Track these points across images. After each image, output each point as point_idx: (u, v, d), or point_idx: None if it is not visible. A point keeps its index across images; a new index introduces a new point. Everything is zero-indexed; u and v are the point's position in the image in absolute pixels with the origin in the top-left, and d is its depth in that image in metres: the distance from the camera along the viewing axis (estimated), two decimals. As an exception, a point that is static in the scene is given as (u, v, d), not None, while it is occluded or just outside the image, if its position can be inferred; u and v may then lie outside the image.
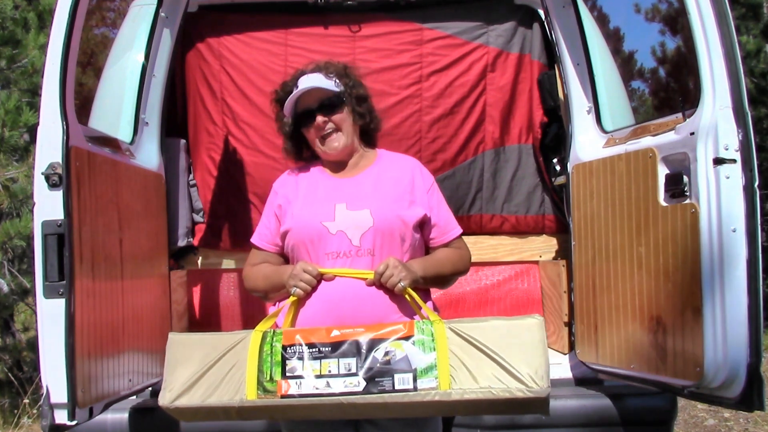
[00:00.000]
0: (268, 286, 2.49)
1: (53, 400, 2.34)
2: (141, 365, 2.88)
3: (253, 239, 2.59)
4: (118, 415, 2.93)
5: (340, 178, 2.52)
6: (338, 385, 2.11)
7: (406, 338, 2.15)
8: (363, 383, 2.11)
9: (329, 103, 2.46)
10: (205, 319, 3.70)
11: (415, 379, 2.10)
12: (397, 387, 2.10)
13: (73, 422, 2.36)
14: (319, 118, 2.45)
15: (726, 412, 5.75)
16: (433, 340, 2.15)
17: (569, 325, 3.40)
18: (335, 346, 2.15)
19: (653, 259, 2.70)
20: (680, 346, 2.59)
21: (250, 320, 3.65)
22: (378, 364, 2.12)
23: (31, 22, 6.89)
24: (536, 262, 3.81)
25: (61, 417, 2.35)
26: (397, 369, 2.11)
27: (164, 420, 2.88)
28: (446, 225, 2.55)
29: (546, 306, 3.74)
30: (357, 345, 2.15)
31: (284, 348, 2.17)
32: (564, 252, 3.62)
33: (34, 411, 5.80)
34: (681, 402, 4.15)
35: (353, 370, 2.12)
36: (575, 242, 3.20)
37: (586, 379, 3.21)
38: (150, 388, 3.06)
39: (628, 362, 2.88)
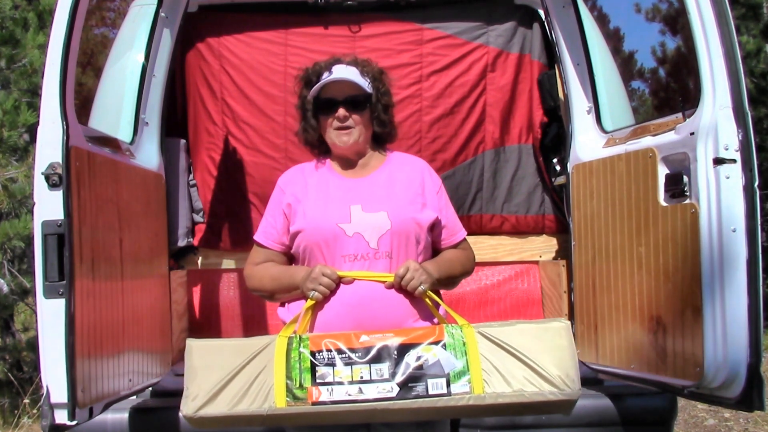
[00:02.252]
0: (277, 287, 2.46)
1: (53, 400, 2.34)
2: (141, 365, 2.88)
3: (257, 237, 2.53)
4: (118, 415, 2.93)
5: (351, 178, 2.49)
6: (371, 391, 2.10)
7: (437, 343, 2.15)
8: (396, 389, 2.10)
9: (356, 100, 2.43)
10: (205, 319, 3.70)
11: (448, 384, 2.11)
12: (431, 392, 2.10)
13: (73, 422, 2.36)
14: (341, 111, 2.41)
15: (726, 412, 5.75)
16: (463, 344, 2.15)
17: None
18: (365, 351, 2.13)
19: (653, 259, 2.70)
20: (680, 346, 2.59)
21: (250, 320, 3.65)
22: (411, 369, 2.11)
23: (31, 22, 6.88)
24: (536, 262, 3.81)
25: (61, 417, 2.34)
26: (429, 374, 2.11)
27: (164, 420, 2.89)
28: (454, 226, 2.56)
29: (546, 306, 3.74)
30: (388, 350, 2.13)
31: (313, 354, 2.14)
32: (564, 252, 3.62)
33: (34, 411, 5.80)
34: (681, 402, 4.15)
35: (386, 376, 2.11)
36: (575, 242, 3.20)
37: (586, 379, 3.19)
38: (150, 388, 3.06)
39: (628, 362, 2.88)
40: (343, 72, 2.45)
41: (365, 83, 2.46)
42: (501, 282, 3.81)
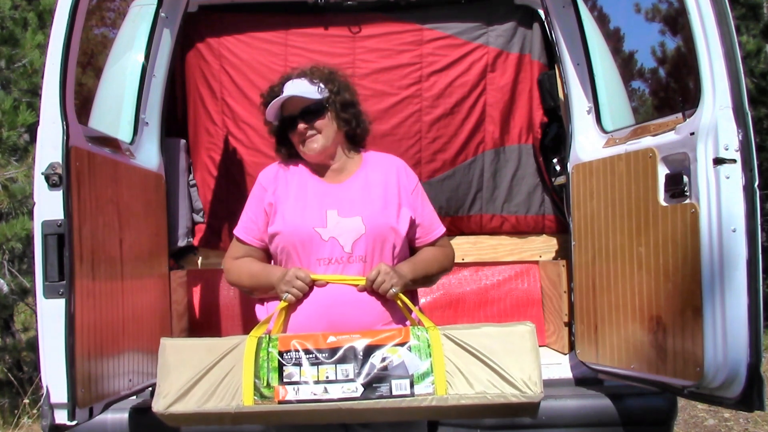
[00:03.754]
0: (255, 285, 2.49)
1: (53, 400, 2.34)
2: (141, 365, 2.88)
3: (237, 232, 2.56)
4: (118, 415, 2.92)
5: (329, 183, 2.52)
6: (336, 391, 2.13)
7: (402, 344, 2.18)
8: (361, 389, 2.13)
9: (310, 111, 2.46)
10: (205, 319, 3.70)
11: (412, 385, 2.14)
12: (394, 392, 2.13)
13: (73, 422, 2.36)
14: (301, 126, 2.46)
15: (726, 412, 5.75)
16: (428, 346, 2.19)
17: (569, 325, 3.40)
18: (332, 352, 2.17)
19: (653, 259, 2.70)
20: (680, 346, 2.59)
21: (250, 320, 3.63)
22: (375, 370, 2.15)
23: (31, 22, 6.88)
24: (536, 262, 3.81)
25: (61, 417, 2.35)
26: (394, 375, 2.14)
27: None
28: (430, 224, 2.58)
29: (546, 306, 3.74)
30: (354, 351, 2.17)
31: (281, 354, 2.18)
32: (564, 252, 3.62)
33: (34, 411, 5.80)
34: (681, 402, 4.15)
35: (351, 376, 2.14)
36: (575, 242, 3.20)
37: (586, 379, 3.21)
38: (150, 388, 3.06)
39: (628, 362, 2.88)
40: (291, 88, 2.49)
41: (315, 90, 2.48)
42: (501, 282, 3.81)
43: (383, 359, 2.16)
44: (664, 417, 3.05)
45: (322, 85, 2.50)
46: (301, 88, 2.48)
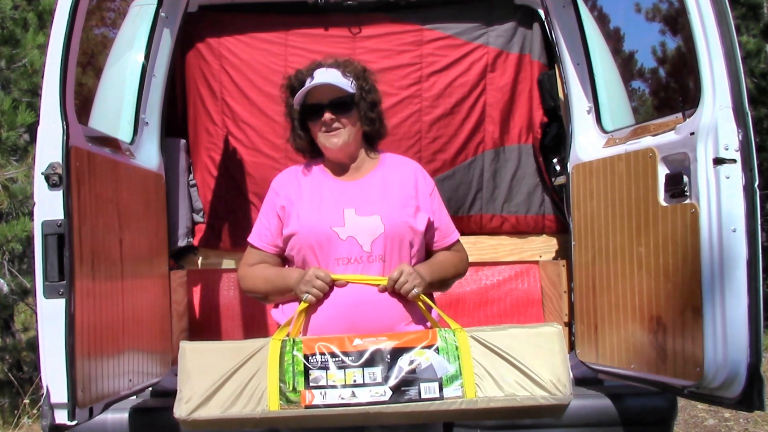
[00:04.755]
0: (271, 289, 2.47)
1: (53, 400, 2.34)
2: (141, 365, 2.88)
3: (251, 239, 2.54)
4: (118, 415, 2.92)
5: (345, 181, 2.49)
6: (364, 395, 2.10)
7: (430, 347, 2.16)
8: (389, 393, 2.11)
9: (341, 103, 2.43)
10: (205, 319, 3.70)
11: (441, 388, 2.12)
12: (423, 396, 2.11)
13: (73, 422, 2.36)
14: (327, 115, 2.41)
15: (726, 412, 5.75)
16: (456, 348, 2.17)
17: (569, 325, 3.40)
18: (359, 355, 2.14)
19: (653, 259, 2.70)
20: (680, 346, 2.59)
21: (250, 320, 3.65)
22: (403, 373, 2.12)
23: (31, 22, 6.89)
24: (536, 262, 3.81)
25: (61, 417, 2.35)
26: (422, 378, 2.12)
27: (164, 420, 2.89)
28: (447, 229, 2.56)
29: (546, 306, 3.74)
30: (381, 354, 2.14)
31: (306, 357, 2.14)
32: (564, 252, 3.62)
33: (34, 411, 5.80)
34: (681, 402, 4.14)
35: (379, 380, 2.12)
36: (575, 242, 3.20)
37: (586, 379, 3.21)
38: (150, 388, 3.06)
39: (628, 362, 2.88)
40: (325, 76, 2.44)
41: (348, 83, 2.45)
42: (501, 282, 3.81)
43: (411, 362, 2.13)
44: (664, 417, 3.05)
45: (353, 81, 2.47)
46: (335, 78, 2.44)
